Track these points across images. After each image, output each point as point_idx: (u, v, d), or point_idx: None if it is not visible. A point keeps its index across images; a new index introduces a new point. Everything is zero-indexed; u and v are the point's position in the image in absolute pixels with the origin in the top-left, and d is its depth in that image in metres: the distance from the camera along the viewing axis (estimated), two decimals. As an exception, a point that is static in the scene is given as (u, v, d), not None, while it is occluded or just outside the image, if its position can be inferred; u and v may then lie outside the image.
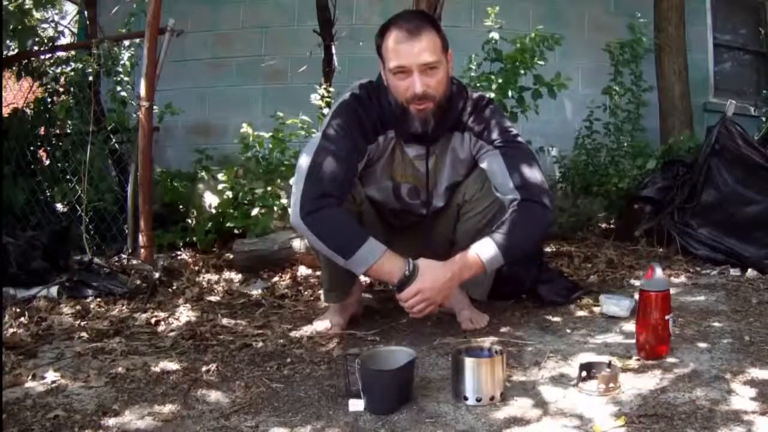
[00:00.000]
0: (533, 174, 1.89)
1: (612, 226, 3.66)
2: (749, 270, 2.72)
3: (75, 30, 4.93)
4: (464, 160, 2.02)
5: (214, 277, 2.88)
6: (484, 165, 1.96)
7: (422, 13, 1.98)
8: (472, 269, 1.82)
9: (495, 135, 1.94)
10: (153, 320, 2.28)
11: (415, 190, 2.07)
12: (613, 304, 2.20)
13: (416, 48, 1.80)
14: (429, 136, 1.94)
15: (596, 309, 2.26)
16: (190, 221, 3.73)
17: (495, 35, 3.28)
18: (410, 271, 1.79)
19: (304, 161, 1.85)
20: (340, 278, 2.08)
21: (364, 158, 1.93)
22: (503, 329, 2.10)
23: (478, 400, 1.54)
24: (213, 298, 2.59)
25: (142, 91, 3.06)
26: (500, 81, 3.21)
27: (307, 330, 2.14)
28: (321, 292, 2.34)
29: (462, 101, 1.97)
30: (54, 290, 2.57)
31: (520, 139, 1.97)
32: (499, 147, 1.92)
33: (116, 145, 3.64)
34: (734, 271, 2.74)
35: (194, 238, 3.55)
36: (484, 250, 1.80)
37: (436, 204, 2.11)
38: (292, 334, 2.11)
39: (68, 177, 3.57)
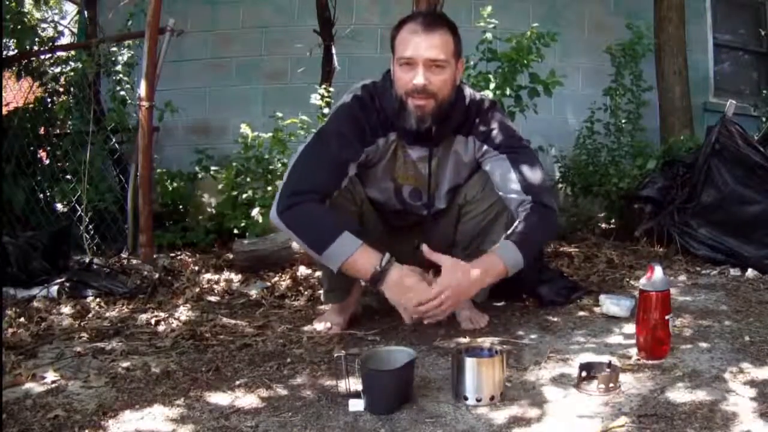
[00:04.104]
0: (539, 177, 1.91)
1: (612, 226, 3.66)
2: (749, 270, 2.72)
3: (75, 30, 4.93)
4: (468, 163, 2.02)
5: (214, 277, 2.88)
6: (488, 168, 1.96)
7: (442, 16, 1.99)
8: (495, 275, 1.79)
9: (500, 140, 1.94)
10: (153, 320, 2.28)
11: (416, 191, 2.07)
12: (613, 304, 2.20)
13: (426, 42, 1.80)
14: (431, 138, 1.93)
15: (596, 309, 2.26)
16: (189, 221, 3.73)
17: (489, 35, 3.27)
18: (382, 266, 1.73)
19: (291, 161, 1.90)
20: (340, 277, 2.06)
21: (358, 159, 1.91)
22: (503, 329, 2.10)
23: (478, 400, 1.54)
24: (213, 298, 2.59)
25: (142, 91, 3.06)
26: (496, 78, 3.21)
27: (307, 330, 2.14)
28: (321, 292, 2.34)
29: (465, 105, 1.96)
30: (54, 290, 2.57)
31: (524, 143, 1.99)
32: (506, 152, 1.93)
33: (116, 145, 3.64)
34: (734, 271, 2.75)
35: (194, 238, 3.55)
36: (507, 254, 1.78)
37: (438, 206, 2.10)
38: (292, 334, 2.11)
39: (68, 177, 3.57)
